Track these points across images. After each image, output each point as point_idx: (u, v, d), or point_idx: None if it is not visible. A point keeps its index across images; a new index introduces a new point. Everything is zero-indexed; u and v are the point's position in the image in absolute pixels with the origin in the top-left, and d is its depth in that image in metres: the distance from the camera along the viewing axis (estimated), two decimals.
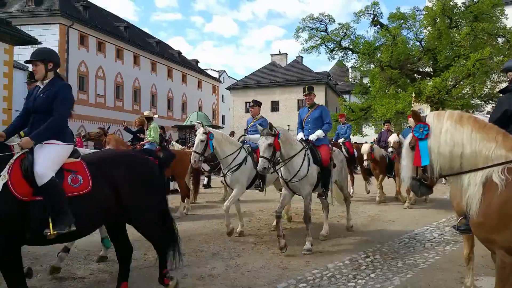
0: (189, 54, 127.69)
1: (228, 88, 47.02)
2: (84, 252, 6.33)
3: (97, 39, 32.37)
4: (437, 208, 10.15)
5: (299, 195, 6.60)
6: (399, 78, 29.45)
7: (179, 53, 46.49)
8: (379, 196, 11.25)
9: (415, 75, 31.11)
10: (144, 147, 9.61)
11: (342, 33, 31.90)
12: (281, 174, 6.40)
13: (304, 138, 6.85)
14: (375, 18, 31.25)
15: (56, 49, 27.86)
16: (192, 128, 25.80)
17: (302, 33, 32.85)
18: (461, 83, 27.61)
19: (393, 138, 10.51)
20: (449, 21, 28.63)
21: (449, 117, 3.30)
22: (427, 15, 28.75)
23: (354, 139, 39.64)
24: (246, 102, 44.36)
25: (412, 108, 13.40)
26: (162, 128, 11.59)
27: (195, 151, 7.23)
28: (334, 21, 32.83)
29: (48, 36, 27.84)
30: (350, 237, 7.23)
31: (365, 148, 11.29)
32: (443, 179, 14.07)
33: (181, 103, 44.72)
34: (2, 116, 20.77)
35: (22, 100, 19.74)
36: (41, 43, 24.06)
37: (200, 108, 44.79)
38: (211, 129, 7.43)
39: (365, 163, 11.16)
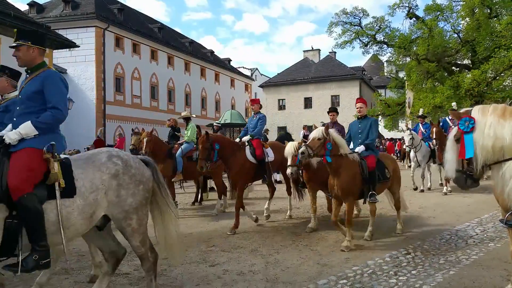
0: (220, 52, 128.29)
1: (261, 86, 47.10)
2: (128, 248, 6.50)
3: (132, 41, 33.00)
4: (478, 204, 9.88)
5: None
6: (436, 71, 28.74)
7: (212, 52, 46.85)
8: (312, 222, 7.66)
9: (453, 67, 30.29)
10: (182, 146, 9.88)
11: (377, 27, 31.40)
12: None
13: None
14: (410, 10, 30.58)
15: (93, 52, 28.95)
16: (226, 127, 26.14)
17: (335, 28, 32.54)
18: (502, 75, 26.65)
19: (315, 133, 6.20)
20: (488, 11, 27.68)
21: (493, 111, 3.33)
22: (465, 5, 27.88)
23: (391, 134, 38.83)
24: (279, 100, 44.39)
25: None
26: (198, 127, 11.81)
27: None
28: (368, 15, 32.40)
29: (85, 39, 28.62)
30: (390, 234, 7.14)
31: (289, 149, 7.45)
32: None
33: (214, 102, 45.08)
34: None
35: None
36: (78, 46, 24.81)
37: (233, 107, 45.01)
38: None
39: (289, 170, 7.35)
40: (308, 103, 42.29)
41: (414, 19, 30.67)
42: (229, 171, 7.97)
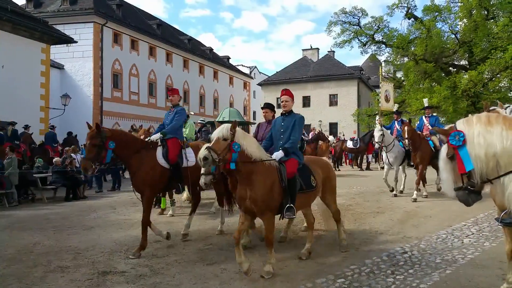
0: (218, 50, 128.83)
1: (259, 84, 47.10)
2: (124, 246, 6.52)
3: (131, 37, 32.88)
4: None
5: None
6: (433, 71, 28.83)
7: (211, 49, 46.78)
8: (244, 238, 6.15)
9: (450, 68, 30.40)
10: None
11: (375, 27, 31.47)
12: None
13: None
14: (409, 11, 30.66)
15: (91, 48, 28.85)
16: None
17: (334, 27, 32.64)
18: (498, 76, 26.78)
19: (219, 132, 4.81)
20: (485, 13, 27.76)
21: (477, 120, 3.35)
22: (463, 6, 27.96)
23: None
24: (277, 98, 44.37)
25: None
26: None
27: None
28: (367, 15, 32.49)
29: (83, 34, 28.47)
30: (387, 233, 7.16)
31: (201, 153, 4.72)
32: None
33: (212, 99, 45.01)
34: (40, 114, 21.33)
35: (58, 98, 20.42)
36: (76, 42, 24.74)
37: (231, 104, 44.98)
38: None
39: (202, 180, 4.67)
40: (306, 102, 42.41)
41: (412, 19, 30.74)
42: (133, 177, 6.34)
